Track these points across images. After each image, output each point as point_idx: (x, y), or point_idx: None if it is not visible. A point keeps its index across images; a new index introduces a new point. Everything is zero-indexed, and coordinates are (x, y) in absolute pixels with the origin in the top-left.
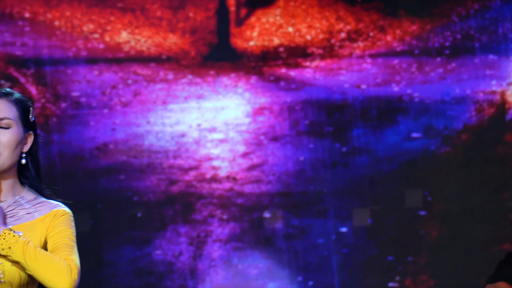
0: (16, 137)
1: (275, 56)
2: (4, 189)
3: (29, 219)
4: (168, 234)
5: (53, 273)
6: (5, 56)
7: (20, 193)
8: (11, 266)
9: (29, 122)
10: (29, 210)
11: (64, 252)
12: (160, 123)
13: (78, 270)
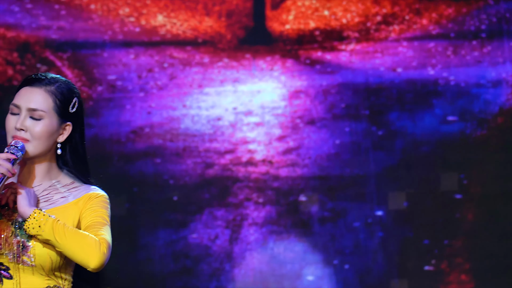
0: (47, 128)
1: (311, 40)
2: (39, 174)
3: (63, 203)
4: (204, 218)
5: (82, 247)
6: (41, 40)
7: (57, 177)
8: (42, 249)
9: (67, 113)
10: (64, 194)
11: (94, 228)
12: (196, 107)
13: (107, 245)
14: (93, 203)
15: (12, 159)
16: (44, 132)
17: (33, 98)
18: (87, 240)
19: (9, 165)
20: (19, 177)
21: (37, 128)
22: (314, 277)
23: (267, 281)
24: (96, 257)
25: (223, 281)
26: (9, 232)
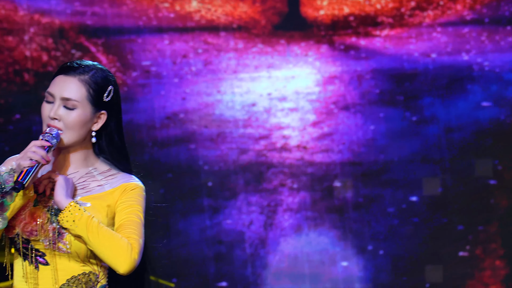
0: (80, 118)
1: (345, 25)
2: (75, 161)
3: (99, 191)
4: (239, 203)
5: (113, 250)
6: (76, 26)
7: (93, 164)
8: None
9: (102, 102)
10: (101, 182)
11: (128, 229)
12: (231, 92)
13: (139, 250)
14: (129, 196)
15: (47, 146)
16: (77, 122)
17: (67, 87)
18: (119, 244)
19: (43, 152)
20: (55, 165)
21: (70, 118)
22: (348, 263)
23: (301, 267)
24: (127, 263)
25: (257, 267)
26: (45, 219)
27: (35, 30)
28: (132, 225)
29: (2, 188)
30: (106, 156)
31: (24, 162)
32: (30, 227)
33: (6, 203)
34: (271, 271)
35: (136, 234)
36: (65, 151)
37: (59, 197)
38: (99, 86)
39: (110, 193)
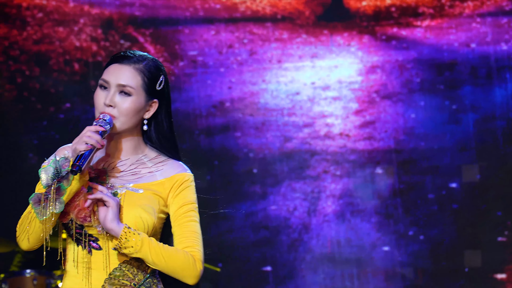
0: (134, 105)
1: (387, 16)
2: (126, 148)
3: (151, 179)
4: (283, 190)
5: (178, 268)
6: (125, 17)
7: (143, 151)
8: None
9: (154, 90)
10: (151, 169)
11: (190, 240)
12: (275, 82)
13: (202, 259)
14: (183, 191)
15: (101, 131)
16: (131, 108)
17: (123, 74)
18: (183, 260)
19: (98, 137)
20: (107, 151)
21: (125, 105)
22: (389, 247)
23: (343, 252)
24: (193, 276)
25: (301, 252)
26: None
27: (84, 21)
28: (192, 235)
29: (59, 173)
30: (153, 144)
31: (80, 146)
32: (84, 213)
33: (62, 187)
34: (314, 256)
35: (197, 243)
36: (117, 137)
37: (112, 225)
38: (153, 75)
39: (162, 183)
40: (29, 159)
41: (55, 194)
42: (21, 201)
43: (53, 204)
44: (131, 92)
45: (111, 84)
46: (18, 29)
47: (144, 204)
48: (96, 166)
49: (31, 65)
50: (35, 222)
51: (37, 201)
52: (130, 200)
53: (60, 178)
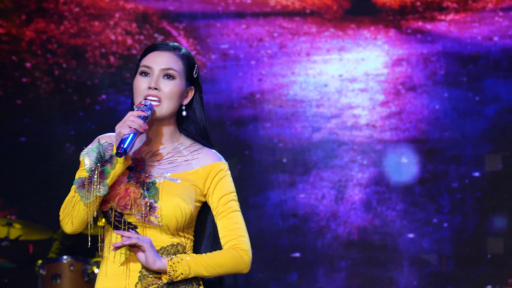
0: (177, 88)
1: (412, 10)
2: (164, 136)
3: (187, 169)
4: (312, 179)
5: (230, 269)
6: (159, 11)
7: (179, 140)
8: (168, 210)
9: (192, 77)
10: (187, 157)
11: (234, 231)
12: (304, 74)
13: (248, 249)
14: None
15: (143, 116)
16: (175, 91)
17: (166, 59)
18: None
19: (141, 121)
20: (146, 138)
21: (169, 87)
22: (414, 234)
23: (370, 238)
24: (244, 268)
25: (329, 239)
26: (138, 194)
27: (120, 15)
28: (236, 226)
29: (102, 157)
30: (188, 132)
31: (124, 130)
32: (124, 202)
33: (106, 170)
34: (341, 243)
35: (242, 234)
36: (156, 125)
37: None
38: (190, 62)
39: (198, 172)
40: (66, 149)
41: (99, 177)
42: (58, 189)
43: (97, 188)
44: (175, 75)
45: (154, 69)
46: (56, 24)
47: (181, 193)
48: (134, 155)
49: (68, 58)
50: (79, 206)
51: (81, 185)
52: (168, 189)
53: (103, 162)
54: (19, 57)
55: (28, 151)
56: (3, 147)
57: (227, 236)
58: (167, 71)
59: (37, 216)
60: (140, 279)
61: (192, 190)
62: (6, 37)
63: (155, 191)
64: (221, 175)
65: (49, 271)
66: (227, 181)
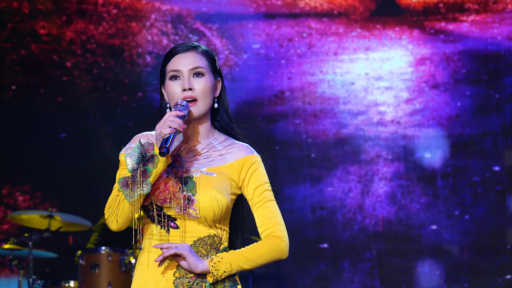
0: (209, 84)
1: (435, 11)
2: (199, 133)
3: (222, 163)
4: (339, 173)
5: (269, 258)
6: (193, 12)
7: (213, 135)
8: (206, 202)
9: (217, 70)
10: (221, 152)
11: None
12: (332, 72)
13: (285, 236)
14: (254, 173)
15: (181, 115)
16: (207, 87)
17: (191, 59)
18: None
19: (180, 121)
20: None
21: (201, 85)
22: (436, 226)
23: (395, 230)
24: (281, 255)
25: (355, 230)
26: (176, 188)
27: (156, 16)
28: (272, 215)
29: (144, 157)
30: (221, 124)
31: (165, 130)
32: (164, 196)
33: (149, 169)
34: (367, 234)
35: (278, 222)
36: (192, 123)
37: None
38: (211, 56)
39: (232, 165)
40: (104, 145)
41: (142, 176)
42: (97, 183)
43: (141, 186)
44: (203, 72)
45: (183, 71)
46: (95, 24)
47: (218, 186)
48: (172, 152)
49: (106, 57)
50: (123, 204)
51: (125, 184)
52: (205, 183)
53: (145, 161)
54: (60, 56)
55: (68, 146)
56: (44, 143)
57: (263, 225)
58: (195, 70)
59: (76, 209)
60: (178, 268)
61: (228, 183)
62: (47, 37)
63: (193, 185)
64: (255, 167)
65: (88, 261)
66: (261, 172)
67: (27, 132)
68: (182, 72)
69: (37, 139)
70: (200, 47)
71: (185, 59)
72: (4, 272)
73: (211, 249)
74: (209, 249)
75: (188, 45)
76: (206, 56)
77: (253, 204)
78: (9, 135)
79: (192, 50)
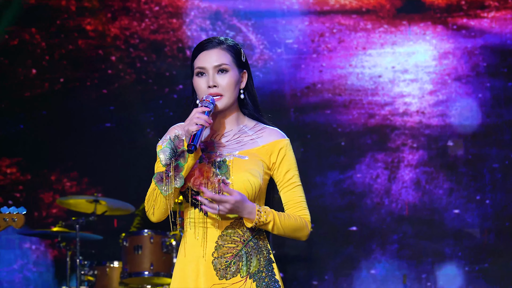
0: (233, 79)
1: (457, 8)
2: (230, 121)
3: (253, 146)
4: (367, 160)
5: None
6: (230, 10)
7: (243, 122)
8: (239, 184)
9: (242, 63)
10: (252, 136)
11: (298, 205)
12: (360, 66)
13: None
14: (284, 158)
15: (207, 111)
16: (231, 83)
17: (215, 57)
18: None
19: (205, 117)
20: (212, 126)
21: (226, 81)
22: (459, 210)
23: (419, 214)
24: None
25: (382, 214)
26: (210, 173)
27: (195, 13)
28: (299, 199)
29: (175, 152)
30: (249, 111)
31: (192, 127)
32: (199, 181)
33: (180, 164)
34: (393, 218)
35: (305, 207)
36: (220, 115)
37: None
38: (236, 50)
39: (264, 148)
40: (147, 134)
41: (175, 171)
42: (140, 170)
43: (174, 181)
44: (227, 68)
45: (208, 69)
46: (138, 21)
47: (250, 168)
48: (205, 138)
49: (149, 52)
50: (160, 198)
51: (159, 179)
52: (238, 165)
53: (177, 157)
54: (105, 51)
55: (113, 135)
56: (91, 132)
57: (292, 208)
58: (219, 67)
59: (120, 194)
60: (216, 249)
61: (260, 165)
62: (93, 33)
63: (226, 168)
64: (284, 151)
65: (131, 243)
66: (291, 156)
67: (74, 122)
68: (207, 69)
69: (84, 128)
70: (225, 43)
71: (210, 56)
72: (54, 253)
73: (247, 229)
74: (245, 229)
75: (214, 42)
76: (230, 51)
77: (282, 187)
78: (58, 125)
79: (217, 47)
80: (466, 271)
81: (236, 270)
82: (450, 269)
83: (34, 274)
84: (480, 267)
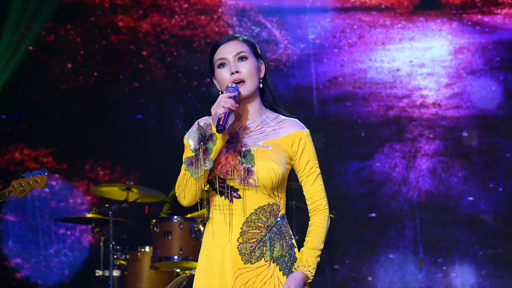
0: (253, 65)
1: (472, 5)
2: (252, 111)
3: (276, 136)
4: (386, 150)
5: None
6: (255, 7)
7: (265, 113)
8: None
9: (258, 54)
10: (274, 127)
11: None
12: (379, 60)
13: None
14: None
15: (232, 96)
16: (252, 68)
17: (233, 46)
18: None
19: (231, 101)
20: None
21: (247, 67)
22: (473, 198)
23: (436, 201)
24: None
25: (400, 201)
26: (236, 161)
27: (222, 10)
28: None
29: (204, 136)
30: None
31: (219, 110)
32: (225, 169)
33: (209, 147)
34: (411, 205)
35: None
36: (244, 103)
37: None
38: (251, 43)
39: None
40: (177, 125)
41: (204, 154)
42: (170, 159)
43: (204, 163)
44: (247, 55)
45: (228, 58)
46: (168, 17)
47: (274, 157)
48: (229, 130)
49: (178, 47)
50: (190, 181)
51: (189, 163)
52: (262, 154)
53: (205, 140)
54: (137, 46)
55: (144, 126)
56: (123, 123)
57: (312, 198)
58: (239, 54)
59: (151, 182)
60: (241, 235)
61: (283, 154)
62: (126, 29)
63: (251, 157)
64: (304, 142)
65: (161, 229)
66: (311, 147)
67: (107, 114)
68: (228, 59)
69: (117, 120)
70: (239, 37)
71: (228, 47)
72: (88, 238)
73: (270, 216)
74: (269, 216)
75: (230, 36)
76: (246, 43)
77: (303, 176)
78: (92, 116)
79: (234, 39)
80: (480, 255)
81: (260, 255)
82: (465, 254)
83: (69, 258)
84: (493, 252)
